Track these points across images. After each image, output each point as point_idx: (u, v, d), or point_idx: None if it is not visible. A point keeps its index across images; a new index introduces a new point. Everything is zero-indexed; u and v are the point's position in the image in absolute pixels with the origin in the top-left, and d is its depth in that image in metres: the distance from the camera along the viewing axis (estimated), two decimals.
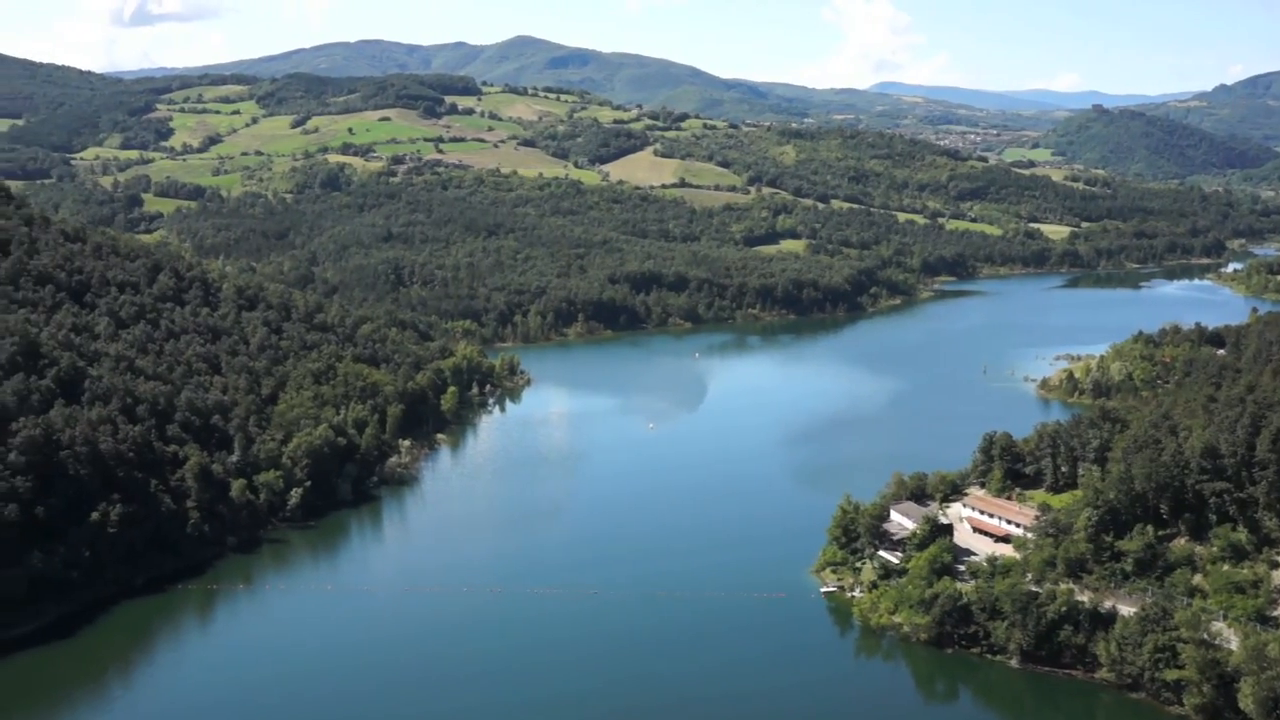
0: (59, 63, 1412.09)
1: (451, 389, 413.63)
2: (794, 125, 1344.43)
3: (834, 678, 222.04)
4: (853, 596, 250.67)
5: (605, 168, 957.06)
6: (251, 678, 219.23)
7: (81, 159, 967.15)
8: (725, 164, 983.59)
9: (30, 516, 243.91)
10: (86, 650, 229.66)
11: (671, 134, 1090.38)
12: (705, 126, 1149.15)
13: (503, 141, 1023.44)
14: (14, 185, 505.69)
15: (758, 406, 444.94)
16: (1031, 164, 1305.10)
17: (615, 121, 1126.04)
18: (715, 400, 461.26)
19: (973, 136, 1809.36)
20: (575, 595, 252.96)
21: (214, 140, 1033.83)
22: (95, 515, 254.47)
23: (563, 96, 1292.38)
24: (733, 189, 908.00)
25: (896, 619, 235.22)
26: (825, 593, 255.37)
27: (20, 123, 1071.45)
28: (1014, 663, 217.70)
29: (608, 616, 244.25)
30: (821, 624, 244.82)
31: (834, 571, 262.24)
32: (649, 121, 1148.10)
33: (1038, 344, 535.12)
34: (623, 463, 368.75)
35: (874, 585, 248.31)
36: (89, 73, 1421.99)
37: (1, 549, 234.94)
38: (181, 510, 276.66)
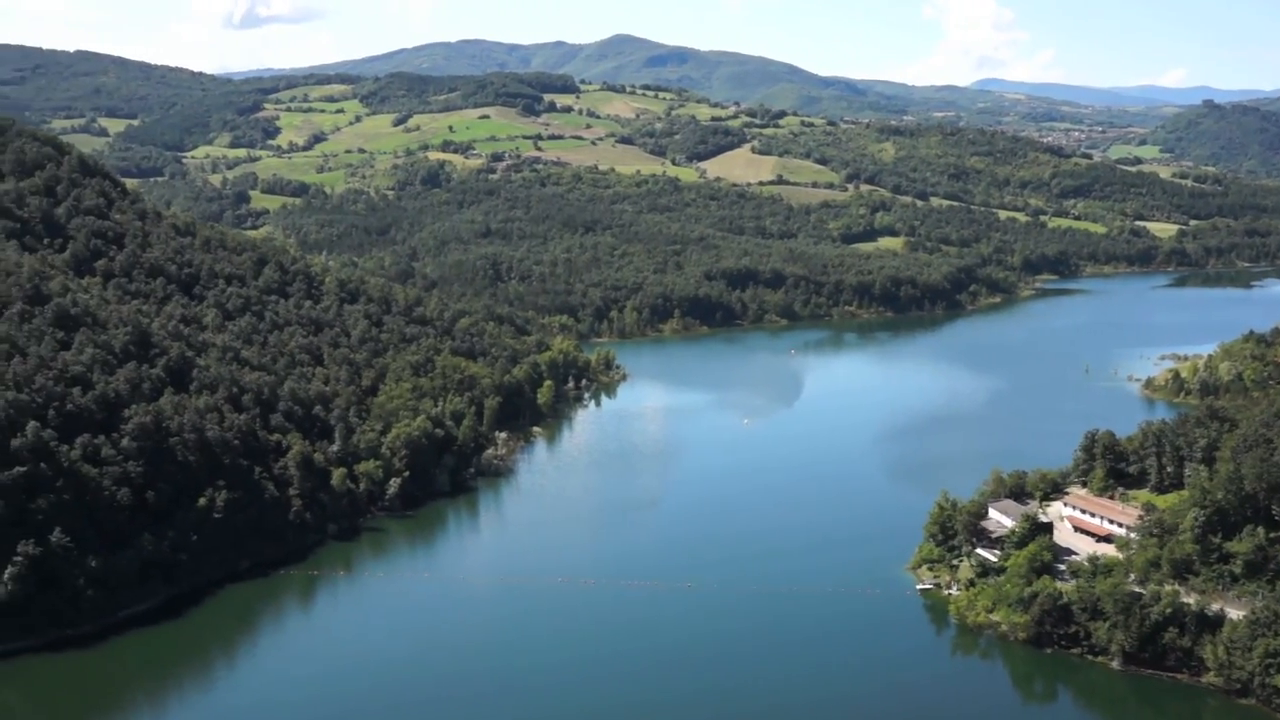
0: (173, 65, 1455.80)
1: (547, 383, 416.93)
2: (893, 122, 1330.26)
3: (930, 675, 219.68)
4: (949, 594, 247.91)
5: (702, 165, 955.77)
6: (350, 662, 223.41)
7: (192, 157, 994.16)
8: (823, 161, 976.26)
9: (141, 500, 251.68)
10: (193, 631, 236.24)
11: (769, 131, 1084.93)
12: (803, 124, 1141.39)
13: (601, 139, 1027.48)
14: (130, 183, 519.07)
15: (854, 403, 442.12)
16: (1138, 161, 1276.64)
17: (713, 119, 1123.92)
18: (811, 397, 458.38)
19: (1077, 134, 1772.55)
20: (669, 589, 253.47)
21: (318, 138, 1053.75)
22: (202, 501, 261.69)
23: (660, 94, 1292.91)
24: (830, 186, 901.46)
25: (994, 617, 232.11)
26: (921, 590, 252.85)
27: (136, 123, 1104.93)
28: (1115, 664, 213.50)
29: (701, 611, 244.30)
30: (917, 621, 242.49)
31: (930, 569, 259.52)
32: (746, 119, 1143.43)
33: (1142, 343, 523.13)
34: (717, 458, 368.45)
35: (971, 583, 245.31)
36: (200, 74, 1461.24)
37: (114, 531, 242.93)
38: (284, 498, 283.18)
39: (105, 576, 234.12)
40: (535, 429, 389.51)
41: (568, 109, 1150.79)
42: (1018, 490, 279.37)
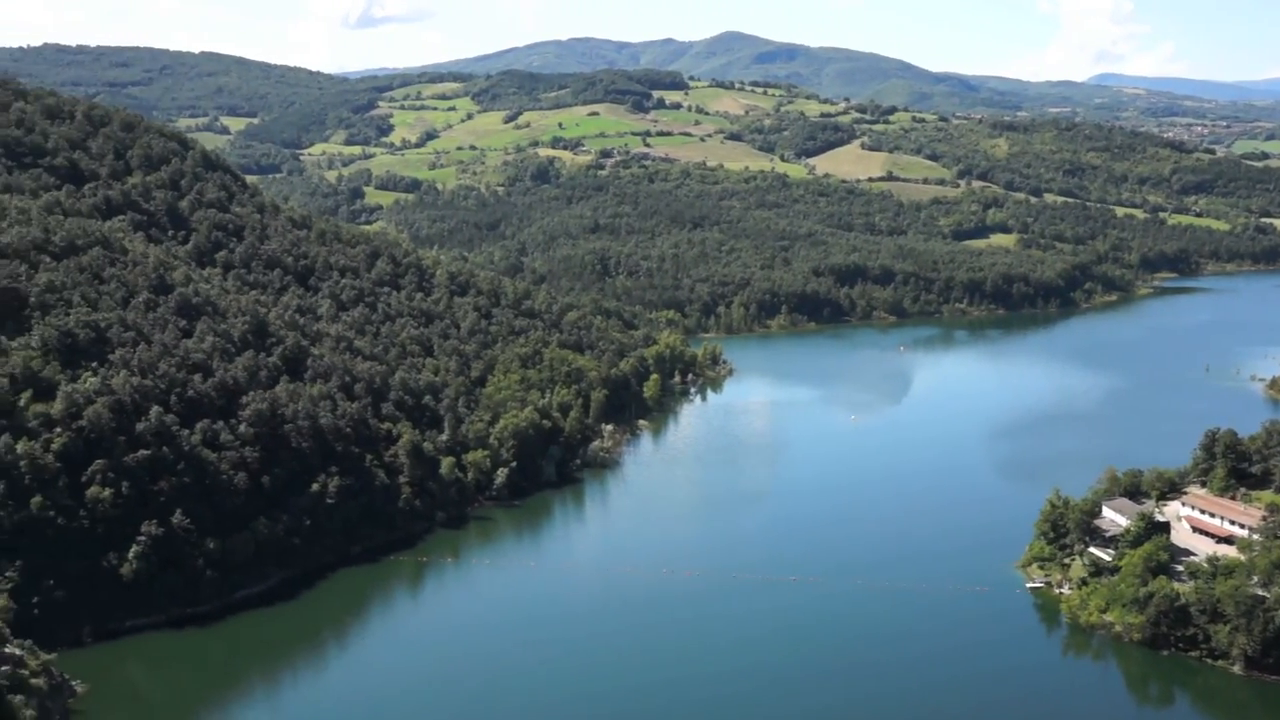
0: (291, 65, 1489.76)
1: (654, 376, 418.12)
2: (1006, 118, 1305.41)
3: (1041, 675, 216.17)
4: (1060, 593, 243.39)
5: (811, 161, 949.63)
6: (458, 648, 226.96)
7: (309, 154, 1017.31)
8: (934, 157, 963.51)
9: (257, 485, 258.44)
10: (306, 613, 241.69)
11: (879, 127, 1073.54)
12: (914, 119, 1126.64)
13: (709, 135, 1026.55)
14: (249, 179, 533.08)
15: (963, 400, 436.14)
16: (1265, 156, 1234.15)
17: (822, 115, 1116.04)
18: (919, 394, 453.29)
19: (1199, 128, 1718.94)
20: (774, 582, 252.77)
21: (431, 136, 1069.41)
22: (315, 486, 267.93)
23: (770, 90, 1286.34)
24: (941, 182, 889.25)
25: (1107, 618, 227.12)
26: (1031, 588, 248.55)
27: (256, 121, 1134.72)
28: (1237, 669, 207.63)
29: (806, 604, 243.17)
30: (1027, 620, 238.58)
31: (1041, 567, 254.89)
32: (856, 115, 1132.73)
33: (1266, 342, 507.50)
34: (824, 453, 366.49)
35: (1084, 582, 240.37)
36: (318, 73, 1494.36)
37: (231, 514, 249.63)
38: (394, 485, 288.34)
39: (223, 558, 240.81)
40: (641, 422, 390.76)
41: (676, 105, 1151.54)
42: (1133, 489, 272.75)
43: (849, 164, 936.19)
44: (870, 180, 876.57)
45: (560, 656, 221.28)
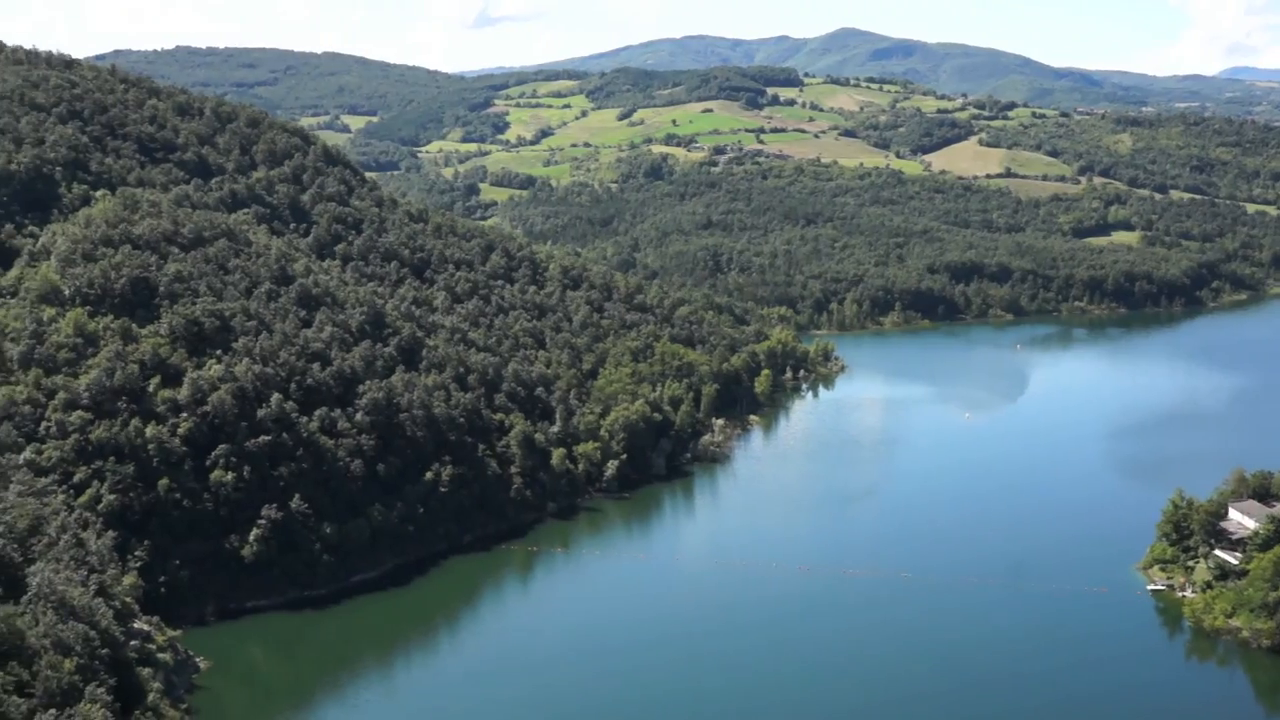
0: (410, 64, 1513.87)
1: (765, 372, 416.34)
2: (1131, 113, 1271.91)
3: (1161, 680, 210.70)
4: (1183, 596, 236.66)
5: (927, 158, 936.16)
6: (567, 636, 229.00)
7: (426, 152, 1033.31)
8: (1054, 153, 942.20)
9: (372, 472, 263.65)
10: (418, 599, 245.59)
11: (997, 123, 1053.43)
12: (1034, 115, 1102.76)
13: (823, 132, 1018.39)
14: (368, 176, 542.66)
15: (1082, 399, 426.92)
16: None
17: (939, 111, 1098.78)
18: (1037, 392, 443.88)
19: None
20: (886, 579, 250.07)
21: (545, 133, 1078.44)
22: (429, 475, 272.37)
23: (885, 87, 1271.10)
24: (1061, 179, 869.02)
25: (1234, 623, 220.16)
26: (1152, 591, 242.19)
27: (376, 119, 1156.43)
28: None
29: (918, 602, 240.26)
30: (1147, 623, 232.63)
31: (1162, 569, 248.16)
32: (974, 111, 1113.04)
33: None
34: (937, 451, 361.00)
35: (1208, 586, 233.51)
36: (436, 72, 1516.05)
37: (347, 500, 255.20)
38: (506, 475, 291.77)
39: (339, 543, 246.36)
40: (752, 417, 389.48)
41: (790, 102, 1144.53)
42: (1262, 491, 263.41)
43: (966, 161, 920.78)
44: (988, 177, 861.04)
45: (668, 648, 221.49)
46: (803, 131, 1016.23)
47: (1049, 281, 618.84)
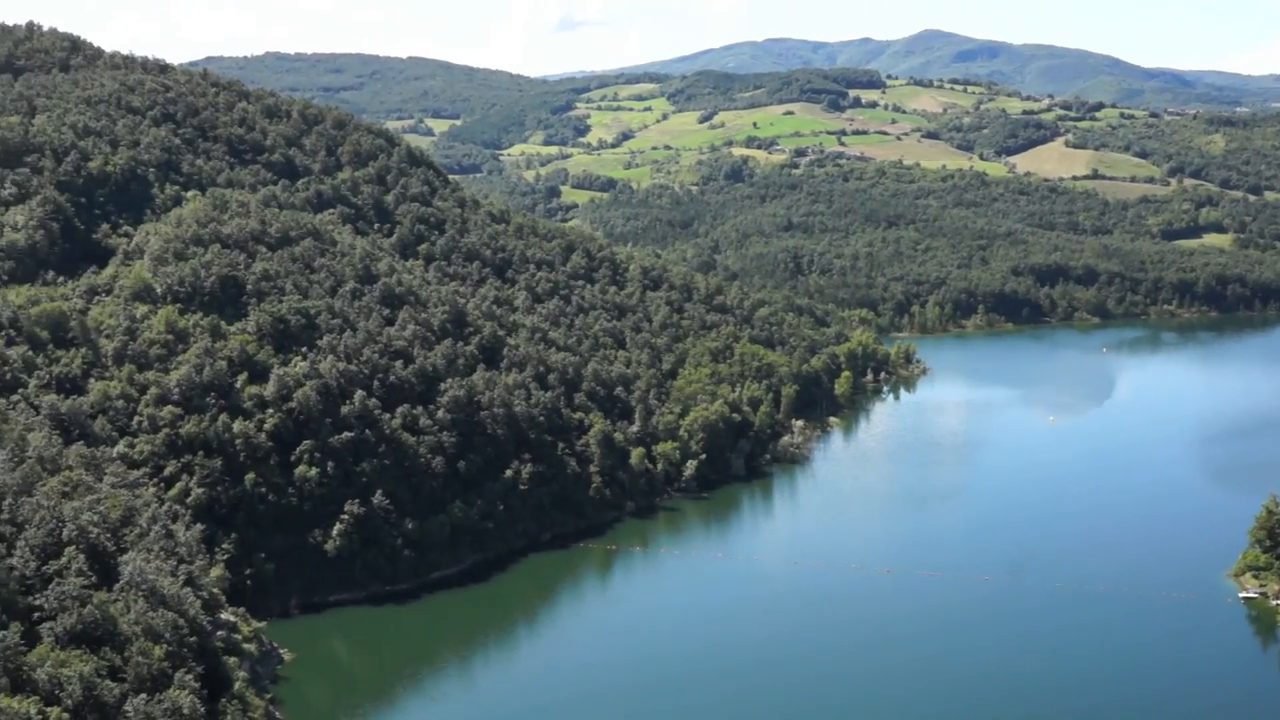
0: (493, 68, 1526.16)
1: (845, 374, 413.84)
2: (1224, 113, 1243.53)
3: (1256, 690, 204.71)
4: (1278, 604, 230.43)
5: (1011, 159, 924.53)
6: (644, 634, 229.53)
7: (508, 155, 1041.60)
8: (1143, 154, 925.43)
9: (453, 469, 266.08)
10: (497, 595, 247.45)
11: (1085, 124, 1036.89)
12: (1122, 116, 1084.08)
13: (905, 134, 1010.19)
14: (451, 179, 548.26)
15: (1171, 403, 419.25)
16: None
17: (1024, 112, 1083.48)
18: (1123, 396, 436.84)
19: None
20: (968, 581, 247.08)
21: (626, 136, 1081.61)
22: (509, 473, 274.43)
23: (969, 88, 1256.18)
24: (1150, 180, 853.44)
25: None
26: (1244, 598, 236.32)
27: (459, 123, 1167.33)
28: None
29: (1000, 606, 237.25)
30: (1239, 631, 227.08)
31: (1255, 576, 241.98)
32: (1060, 112, 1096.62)
33: None
34: (1020, 454, 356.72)
35: None
36: (518, 76, 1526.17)
37: (429, 497, 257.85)
38: (585, 474, 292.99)
39: (420, 539, 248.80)
40: (832, 419, 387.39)
41: (872, 104, 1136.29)
42: None
43: (1051, 162, 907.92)
44: (1074, 178, 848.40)
45: (746, 648, 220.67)
46: (885, 133, 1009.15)
47: (1137, 284, 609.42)
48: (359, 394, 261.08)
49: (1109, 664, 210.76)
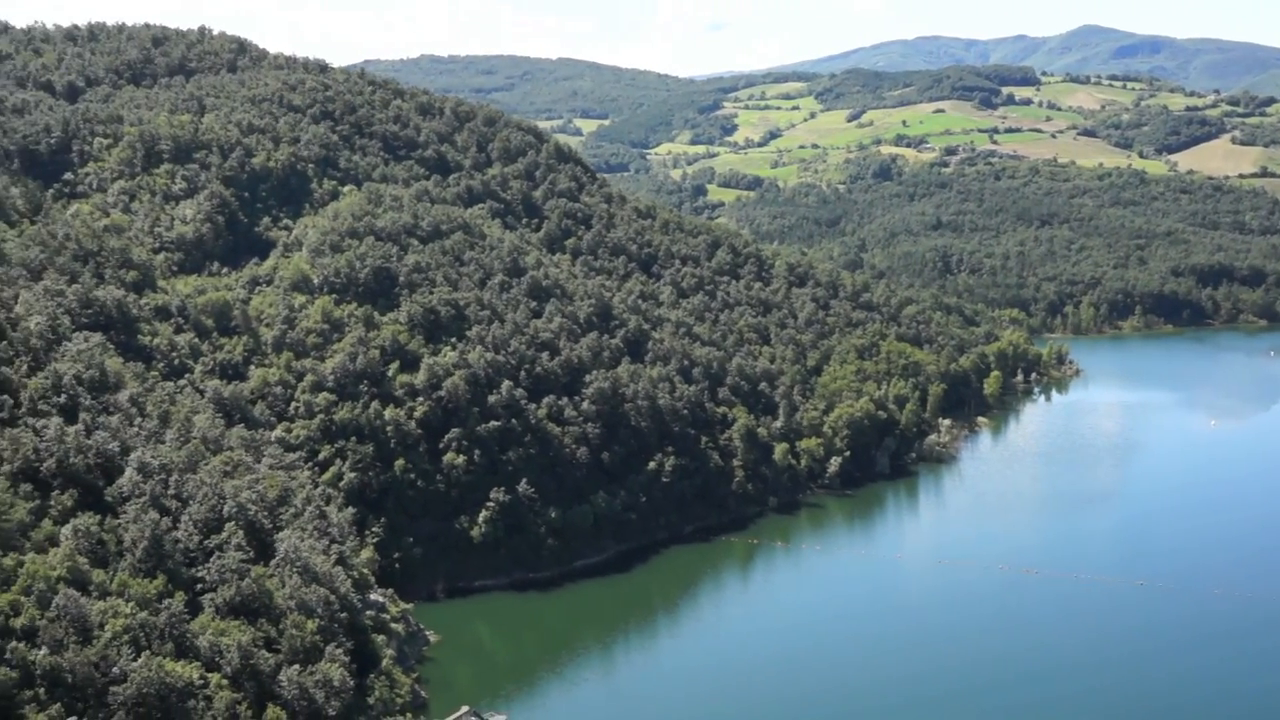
0: (641, 68, 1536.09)
1: (995, 374, 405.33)
2: None
3: None
4: None
5: (1173, 157, 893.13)
6: (784, 629, 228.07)
7: (655, 154, 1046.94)
8: None
9: (597, 460, 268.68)
10: (639, 586, 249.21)
11: (1253, 120, 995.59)
12: None
13: (1060, 132, 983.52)
14: (598, 176, 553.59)
15: None
16: None
17: (1187, 109, 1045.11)
18: None
19: None
20: (1118, 585, 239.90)
21: (773, 135, 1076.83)
22: (652, 465, 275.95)
23: (1129, 84, 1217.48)
24: None
25: None
26: None
27: (607, 123, 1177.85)
28: None
29: (1154, 610, 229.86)
30: None
31: None
32: (1227, 107, 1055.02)
33: None
34: (1178, 457, 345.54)
35: None
36: (666, 76, 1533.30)
37: (573, 487, 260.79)
38: (728, 468, 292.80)
39: (563, 528, 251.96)
40: (980, 419, 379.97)
41: (1026, 102, 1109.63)
42: None
43: (1216, 160, 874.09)
44: (1240, 177, 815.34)
45: (888, 645, 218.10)
46: (1039, 131, 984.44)
47: None
48: (506, 384, 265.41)
49: (1265, 675, 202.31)
